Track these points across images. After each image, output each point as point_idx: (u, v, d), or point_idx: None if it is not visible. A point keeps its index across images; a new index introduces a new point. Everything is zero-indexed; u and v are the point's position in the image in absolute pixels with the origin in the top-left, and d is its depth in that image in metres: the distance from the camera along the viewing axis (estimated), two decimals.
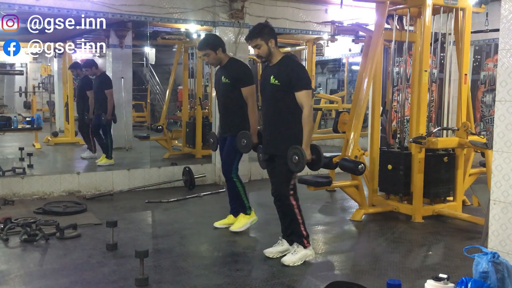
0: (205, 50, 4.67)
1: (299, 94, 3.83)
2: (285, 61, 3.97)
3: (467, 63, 5.79)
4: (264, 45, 3.92)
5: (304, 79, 3.89)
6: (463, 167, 5.66)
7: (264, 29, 3.98)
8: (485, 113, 8.82)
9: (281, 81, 3.87)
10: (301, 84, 3.84)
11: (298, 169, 3.83)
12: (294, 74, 3.86)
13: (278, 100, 3.92)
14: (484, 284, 2.64)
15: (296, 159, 3.80)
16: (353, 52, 11.06)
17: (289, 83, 3.85)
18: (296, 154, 3.81)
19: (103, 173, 6.90)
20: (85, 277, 3.70)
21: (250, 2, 7.33)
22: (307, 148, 3.85)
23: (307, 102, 3.85)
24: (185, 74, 9.55)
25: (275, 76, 3.90)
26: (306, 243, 4.03)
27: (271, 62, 4.00)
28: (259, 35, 3.93)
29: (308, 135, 3.86)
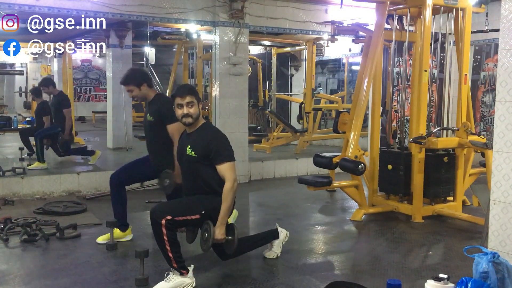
0: (129, 86, 4.36)
1: (221, 168, 3.49)
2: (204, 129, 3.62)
3: (467, 63, 5.79)
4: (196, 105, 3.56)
5: (226, 149, 3.55)
6: (463, 167, 5.66)
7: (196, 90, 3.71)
8: (485, 113, 8.83)
9: (198, 153, 3.53)
10: (223, 156, 3.50)
11: (206, 246, 3.51)
12: (213, 145, 3.51)
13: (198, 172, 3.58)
14: (484, 284, 2.64)
15: (205, 236, 3.49)
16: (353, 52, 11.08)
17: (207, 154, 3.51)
18: (206, 230, 3.49)
19: (103, 173, 6.88)
20: (85, 277, 3.70)
21: (250, 2, 7.33)
22: (222, 226, 3.49)
23: (231, 175, 3.49)
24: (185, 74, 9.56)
25: (192, 147, 3.56)
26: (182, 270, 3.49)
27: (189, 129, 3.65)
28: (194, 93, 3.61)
29: (226, 212, 3.48)
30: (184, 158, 3.63)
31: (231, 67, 7.27)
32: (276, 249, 4.13)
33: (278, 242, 4.14)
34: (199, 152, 3.53)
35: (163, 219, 3.35)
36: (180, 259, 3.47)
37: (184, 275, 3.46)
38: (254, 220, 5.53)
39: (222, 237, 3.49)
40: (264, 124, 11.92)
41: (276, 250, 4.13)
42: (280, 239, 4.15)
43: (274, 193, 6.99)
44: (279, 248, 4.14)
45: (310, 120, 10.11)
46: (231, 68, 7.27)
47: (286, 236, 4.21)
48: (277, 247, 4.14)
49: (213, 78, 8.04)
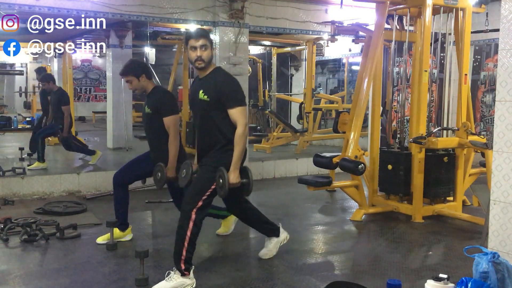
0: (128, 76, 4.35)
1: (232, 112, 3.48)
2: (216, 75, 3.58)
3: (467, 63, 5.79)
4: (209, 48, 3.54)
5: (237, 94, 3.53)
6: (463, 167, 5.66)
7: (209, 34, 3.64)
8: (485, 113, 8.83)
9: (210, 97, 3.52)
10: (234, 101, 3.49)
11: (223, 193, 3.49)
12: (225, 89, 3.49)
13: (210, 117, 3.56)
14: (484, 284, 2.64)
15: (220, 182, 3.46)
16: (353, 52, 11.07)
17: (219, 98, 3.49)
18: (220, 177, 3.47)
19: (103, 173, 6.90)
20: (85, 277, 3.70)
21: (250, 2, 7.33)
22: (236, 170, 3.48)
23: (242, 119, 3.49)
24: (185, 74, 9.55)
25: (205, 91, 3.54)
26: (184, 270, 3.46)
27: (201, 75, 3.64)
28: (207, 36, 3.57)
29: (239, 156, 3.48)
30: (197, 103, 3.59)
31: (231, 67, 7.27)
32: (273, 248, 4.11)
33: (276, 241, 4.13)
34: (212, 96, 3.50)
35: (193, 209, 3.42)
36: (189, 261, 3.47)
37: (186, 275, 3.45)
38: None
39: (237, 181, 3.47)
40: (264, 124, 11.92)
41: (272, 249, 4.10)
42: (279, 239, 4.14)
43: (274, 193, 6.99)
44: (275, 248, 4.12)
45: (310, 120, 10.11)
46: (231, 68, 7.26)
47: (285, 238, 4.19)
48: (274, 246, 4.12)
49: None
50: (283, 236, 4.17)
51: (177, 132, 4.31)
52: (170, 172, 4.19)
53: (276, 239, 4.14)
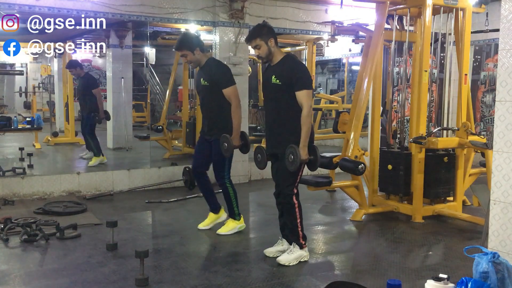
0: (182, 51, 4.49)
1: (299, 94, 3.80)
2: (286, 61, 3.92)
3: (467, 63, 5.79)
4: (264, 45, 3.88)
5: (304, 78, 3.86)
6: (463, 167, 5.66)
7: (262, 29, 3.94)
8: (485, 113, 8.82)
9: (282, 81, 3.84)
10: (301, 84, 3.81)
11: (293, 167, 3.81)
12: (294, 73, 3.83)
13: (280, 99, 3.89)
14: (484, 284, 2.64)
15: (291, 158, 3.80)
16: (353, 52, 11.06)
17: (290, 82, 3.82)
18: (292, 153, 3.80)
19: (103, 173, 6.90)
20: (85, 277, 3.70)
21: (250, 2, 7.33)
22: (304, 148, 3.82)
23: (306, 101, 3.82)
24: (185, 74, 9.55)
25: (277, 76, 3.86)
26: (303, 244, 4.04)
27: (272, 62, 3.96)
28: (258, 35, 3.89)
29: (306, 135, 3.82)
30: (269, 87, 3.95)
31: (231, 67, 7.21)
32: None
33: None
34: (283, 80, 3.84)
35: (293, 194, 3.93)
36: (305, 236, 4.06)
37: (304, 248, 4.03)
38: (254, 220, 5.53)
39: (306, 158, 3.83)
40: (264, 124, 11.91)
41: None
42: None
43: None
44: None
45: None
46: (231, 68, 7.21)
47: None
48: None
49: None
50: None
51: (239, 101, 4.56)
52: (236, 141, 4.50)
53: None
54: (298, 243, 4.02)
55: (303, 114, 3.82)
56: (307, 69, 4.08)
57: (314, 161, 3.91)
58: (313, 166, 3.96)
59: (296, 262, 3.97)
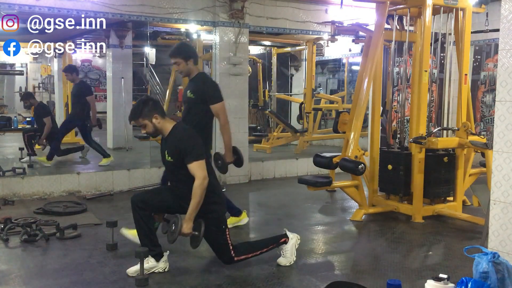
0: (176, 58, 4.47)
1: (190, 167, 3.59)
2: (175, 132, 3.73)
3: (467, 63, 5.79)
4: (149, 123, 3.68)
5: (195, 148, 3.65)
6: (463, 167, 5.66)
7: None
8: (485, 113, 8.82)
9: (172, 156, 3.69)
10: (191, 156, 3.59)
11: (171, 238, 3.62)
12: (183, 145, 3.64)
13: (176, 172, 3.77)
14: (484, 284, 2.64)
15: (172, 227, 3.62)
16: (353, 52, 11.07)
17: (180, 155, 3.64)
18: (174, 223, 3.60)
19: (103, 173, 6.90)
20: (85, 277, 3.70)
21: (250, 2, 7.33)
22: (190, 221, 3.56)
23: (199, 173, 3.56)
24: None
25: (168, 152, 3.72)
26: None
27: (163, 135, 3.80)
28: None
29: (194, 208, 3.55)
30: (166, 163, 3.84)
31: (231, 67, 7.27)
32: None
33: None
34: (174, 156, 3.66)
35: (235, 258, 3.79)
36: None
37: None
38: (254, 220, 5.53)
39: (189, 232, 3.57)
40: (264, 124, 11.92)
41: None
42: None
43: (274, 193, 7.00)
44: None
45: (310, 120, 10.10)
46: (231, 68, 7.27)
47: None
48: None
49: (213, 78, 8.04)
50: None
51: (226, 117, 4.55)
52: (229, 157, 4.51)
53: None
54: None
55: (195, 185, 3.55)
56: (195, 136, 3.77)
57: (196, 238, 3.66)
58: (194, 243, 3.72)
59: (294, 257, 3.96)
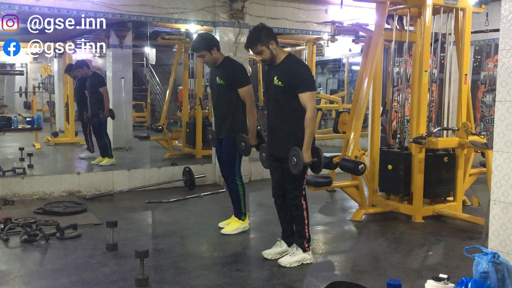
0: (200, 52, 4.51)
1: (302, 96, 3.71)
2: (289, 61, 3.81)
3: (467, 63, 5.79)
4: (266, 50, 3.77)
5: (307, 80, 3.77)
6: (463, 167, 5.66)
7: (261, 33, 3.80)
8: (485, 113, 8.82)
9: (284, 82, 3.75)
10: (305, 86, 3.72)
11: (297, 171, 3.72)
12: (297, 75, 3.73)
13: (281, 101, 3.81)
14: (484, 284, 2.64)
15: (294, 161, 3.72)
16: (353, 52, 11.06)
17: (292, 84, 3.73)
18: (295, 156, 3.72)
19: (103, 173, 6.90)
20: (85, 277, 3.70)
21: (250, 2, 7.33)
22: (308, 150, 3.73)
23: (310, 103, 3.72)
24: (185, 74, 9.55)
25: (279, 77, 3.77)
26: (307, 247, 4.01)
27: (275, 62, 3.86)
28: (258, 41, 3.78)
29: (309, 137, 3.74)
30: (271, 88, 3.85)
31: None
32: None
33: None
34: (285, 82, 3.75)
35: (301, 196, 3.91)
36: (309, 238, 4.03)
37: (307, 251, 3.99)
38: (254, 220, 5.53)
39: (309, 160, 3.76)
40: (264, 124, 11.91)
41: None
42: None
43: None
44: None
45: None
46: None
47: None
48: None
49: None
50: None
51: (253, 101, 4.66)
52: (253, 140, 4.57)
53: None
54: (302, 246, 3.99)
55: (308, 116, 3.72)
56: (310, 70, 3.96)
57: (317, 163, 3.86)
58: (316, 169, 3.90)
59: (298, 264, 3.94)
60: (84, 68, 8.10)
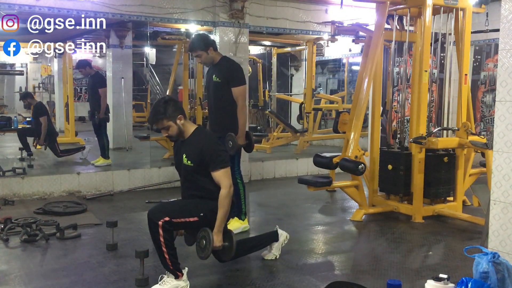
0: (197, 52, 4.61)
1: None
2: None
3: (467, 63, 5.79)
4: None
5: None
6: (463, 167, 5.66)
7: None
8: (485, 113, 8.82)
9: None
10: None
11: (204, 254, 3.49)
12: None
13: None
14: (484, 284, 2.64)
15: (203, 243, 3.48)
16: (353, 52, 11.07)
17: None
18: (204, 238, 3.48)
19: (103, 173, 6.90)
20: (85, 277, 3.70)
21: (250, 2, 7.33)
22: (219, 233, 3.47)
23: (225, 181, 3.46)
24: (185, 74, 9.54)
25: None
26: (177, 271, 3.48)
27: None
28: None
29: (223, 219, 3.46)
30: (182, 167, 3.60)
31: None
32: (275, 251, 4.10)
33: (278, 244, 4.12)
34: (195, 161, 3.49)
35: (161, 220, 3.30)
36: (176, 261, 3.43)
37: (179, 278, 3.43)
38: (254, 220, 5.53)
39: (220, 244, 3.47)
40: (264, 124, 11.91)
41: (275, 252, 4.09)
42: (279, 242, 4.13)
43: (274, 193, 7.00)
44: (278, 250, 4.11)
45: (310, 120, 10.10)
46: None
47: (286, 239, 4.18)
48: (276, 249, 4.11)
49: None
50: (283, 238, 4.15)
51: (245, 102, 4.70)
52: (241, 140, 4.58)
53: (276, 243, 4.12)
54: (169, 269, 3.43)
55: (222, 195, 3.44)
56: (219, 143, 3.71)
57: (228, 249, 3.60)
58: (227, 254, 3.66)
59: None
60: (87, 68, 8.06)
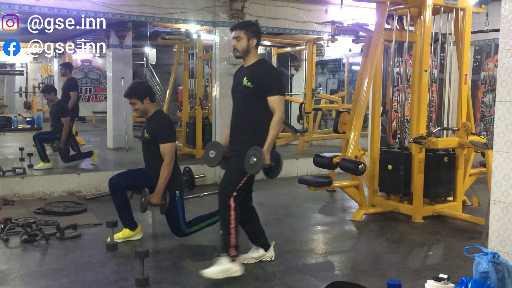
0: (131, 99, 4.37)
1: (272, 99, 3.67)
2: (260, 65, 3.79)
3: (467, 63, 5.79)
4: (244, 39, 3.77)
5: (278, 83, 3.73)
6: (463, 167, 5.66)
7: (252, 26, 3.85)
8: (485, 113, 8.82)
9: (254, 84, 3.69)
10: (275, 89, 3.68)
11: (253, 171, 3.58)
12: (268, 78, 3.69)
13: (249, 102, 3.74)
14: (484, 284, 2.64)
15: (253, 160, 3.54)
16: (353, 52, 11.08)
17: (263, 86, 3.67)
18: (255, 155, 3.55)
19: (103, 173, 6.89)
20: (85, 277, 3.70)
21: (250, 2, 7.34)
22: (268, 152, 3.60)
23: (279, 107, 3.63)
24: (185, 74, 9.55)
25: (248, 78, 3.71)
26: (234, 256, 3.65)
27: (245, 63, 3.84)
28: (244, 28, 3.81)
29: (273, 139, 3.62)
30: (240, 89, 3.78)
31: (231, 67, 7.27)
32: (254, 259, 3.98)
33: (262, 255, 4.00)
34: (255, 83, 3.69)
35: (231, 198, 3.65)
36: (238, 246, 3.67)
37: (234, 262, 3.64)
38: None
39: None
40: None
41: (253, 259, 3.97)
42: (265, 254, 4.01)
43: (274, 193, 6.99)
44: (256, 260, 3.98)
45: (310, 120, 10.11)
46: (231, 68, 7.26)
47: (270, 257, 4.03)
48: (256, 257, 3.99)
49: (213, 78, 8.05)
50: (270, 254, 4.03)
51: (171, 160, 4.37)
52: (154, 199, 4.34)
53: (262, 252, 4.01)
54: (228, 254, 3.64)
55: (275, 119, 3.62)
56: (280, 75, 3.90)
57: (274, 168, 3.68)
58: (272, 173, 3.78)
59: (223, 276, 3.60)
60: (52, 94, 7.56)
